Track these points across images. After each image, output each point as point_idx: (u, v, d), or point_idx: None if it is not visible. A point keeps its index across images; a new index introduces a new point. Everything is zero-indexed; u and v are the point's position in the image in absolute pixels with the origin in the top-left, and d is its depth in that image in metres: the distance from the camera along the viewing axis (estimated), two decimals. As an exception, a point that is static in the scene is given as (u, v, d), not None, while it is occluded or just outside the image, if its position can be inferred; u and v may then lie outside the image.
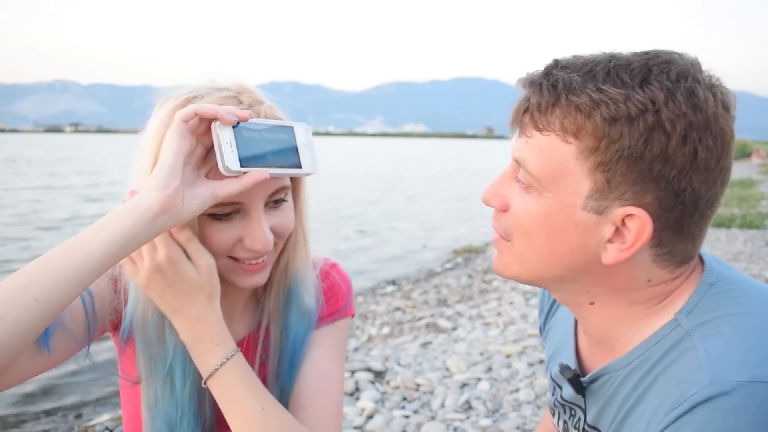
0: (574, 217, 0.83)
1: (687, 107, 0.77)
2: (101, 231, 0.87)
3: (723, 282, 0.86)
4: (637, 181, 0.79)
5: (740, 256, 7.14)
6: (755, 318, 0.80)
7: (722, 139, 0.79)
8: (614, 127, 0.77)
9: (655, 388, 0.83)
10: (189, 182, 0.93)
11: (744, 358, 0.75)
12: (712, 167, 0.79)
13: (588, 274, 0.86)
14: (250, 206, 1.01)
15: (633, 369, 0.86)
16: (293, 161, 1.01)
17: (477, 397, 3.50)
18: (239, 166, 0.94)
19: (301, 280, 1.17)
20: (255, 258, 1.05)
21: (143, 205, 0.88)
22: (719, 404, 0.72)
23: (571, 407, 1.00)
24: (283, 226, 1.06)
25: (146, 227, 0.88)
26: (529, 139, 0.84)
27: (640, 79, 0.78)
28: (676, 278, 0.87)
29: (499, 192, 0.91)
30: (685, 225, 0.82)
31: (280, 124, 1.02)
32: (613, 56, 0.82)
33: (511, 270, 0.92)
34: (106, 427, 3.65)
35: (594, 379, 0.93)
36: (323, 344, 1.21)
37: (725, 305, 0.83)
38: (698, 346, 0.79)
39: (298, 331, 1.17)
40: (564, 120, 0.80)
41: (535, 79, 0.84)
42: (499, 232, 0.92)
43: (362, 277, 8.22)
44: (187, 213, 0.92)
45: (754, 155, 41.22)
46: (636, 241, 0.80)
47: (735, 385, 0.72)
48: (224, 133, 0.94)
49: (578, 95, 0.79)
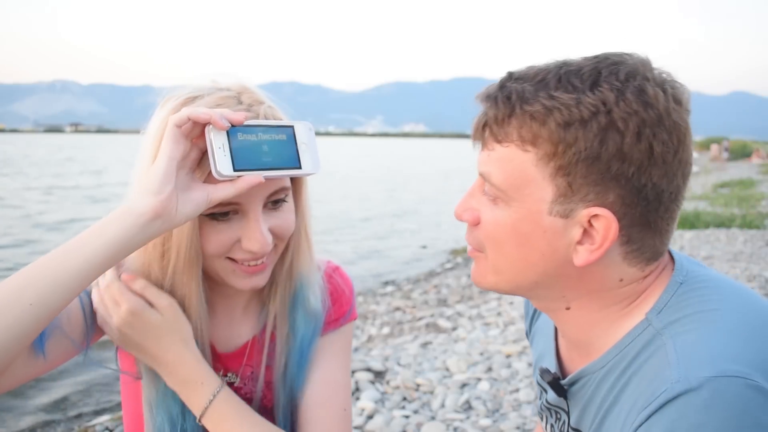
0: (542, 223, 0.84)
1: (638, 105, 0.79)
2: (96, 236, 0.88)
3: (692, 280, 0.88)
4: (598, 182, 0.80)
5: (740, 256, 7.14)
6: (724, 314, 0.82)
7: (677, 132, 0.81)
8: (569, 131, 0.79)
9: (629, 388, 0.84)
10: (183, 186, 0.93)
11: (712, 353, 0.76)
12: (670, 161, 0.81)
13: (562, 278, 0.88)
14: (248, 207, 1.00)
15: (609, 370, 0.88)
16: (292, 161, 1.01)
17: (477, 397, 3.50)
18: (232, 171, 0.94)
19: (307, 282, 1.16)
20: (254, 259, 1.04)
21: (137, 210, 0.89)
22: (689, 400, 0.73)
23: (556, 410, 1.01)
24: (282, 227, 1.06)
25: (140, 232, 0.89)
26: (491, 152, 0.87)
27: (590, 82, 0.80)
28: (647, 276, 0.88)
29: (470, 206, 0.92)
30: (652, 220, 0.83)
31: (279, 123, 1.01)
32: (564, 63, 0.84)
33: (488, 280, 0.93)
34: (106, 427, 3.66)
35: (573, 382, 0.95)
36: (329, 352, 1.21)
37: (694, 303, 0.84)
38: (668, 344, 0.80)
39: (305, 333, 1.17)
40: (520, 130, 0.83)
41: (491, 93, 0.87)
42: (473, 245, 0.94)
43: (362, 277, 8.22)
44: (181, 217, 0.92)
45: (754, 155, 41.21)
46: (604, 241, 0.82)
47: (704, 380, 0.73)
48: (217, 138, 0.93)
49: (531, 104, 0.82)
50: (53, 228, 11.74)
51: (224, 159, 0.93)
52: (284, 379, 1.17)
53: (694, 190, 17.44)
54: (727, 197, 14.42)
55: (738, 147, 45.64)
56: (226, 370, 1.18)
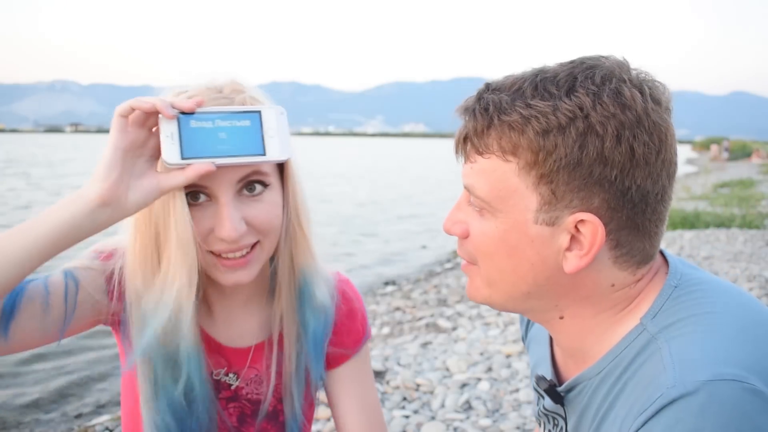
0: (528, 232, 0.84)
1: (615, 107, 0.78)
2: (46, 219, 0.90)
3: (687, 283, 0.87)
4: (581, 187, 0.80)
5: (740, 256, 7.14)
6: (719, 317, 0.81)
7: (657, 132, 0.80)
8: (547, 138, 0.79)
9: (624, 393, 0.83)
10: (139, 174, 0.94)
11: (708, 357, 0.75)
12: (653, 161, 0.80)
13: (553, 286, 0.87)
14: (216, 192, 0.99)
15: (604, 376, 0.87)
16: (255, 148, 0.97)
17: (477, 397, 3.50)
18: (180, 159, 0.93)
19: (310, 277, 1.15)
20: (230, 251, 1.02)
21: (83, 197, 0.91)
22: (685, 405, 0.72)
23: (554, 416, 1.01)
24: (260, 218, 1.03)
25: (88, 217, 0.91)
26: (473, 165, 0.87)
27: (566, 88, 0.80)
28: (639, 281, 0.88)
29: (458, 219, 0.92)
30: (639, 222, 0.83)
31: (242, 109, 0.98)
32: (540, 71, 0.84)
33: (481, 293, 0.93)
34: (106, 427, 3.65)
35: (569, 389, 0.95)
36: (360, 375, 1.24)
37: (689, 306, 0.83)
38: (663, 348, 0.80)
39: (316, 328, 1.16)
40: (500, 140, 0.82)
41: (469, 106, 0.87)
42: (465, 259, 0.94)
43: (362, 277, 8.22)
44: (131, 205, 0.93)
45: (754, 155, 41.21)
46: (592, 246, 0.81)
47: (699, 384, 0.72)
48: (166, 126, 0.94)
49: (509, 114, 0.81)
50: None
51: (172, 147, 0.93)
52: (298, 378, 1.17)
53: (694, 190, 17.43)
54: (727, 197, 14.42)
55: (738, 147, 45.64)
56: (229, 366, 1.17)
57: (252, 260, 1.05)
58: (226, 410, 1.18)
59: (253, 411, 1.19)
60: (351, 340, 1.23)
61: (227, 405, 1.18)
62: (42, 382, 4.47)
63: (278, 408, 1.20)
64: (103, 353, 4.93)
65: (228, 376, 1.17)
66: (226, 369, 1.17)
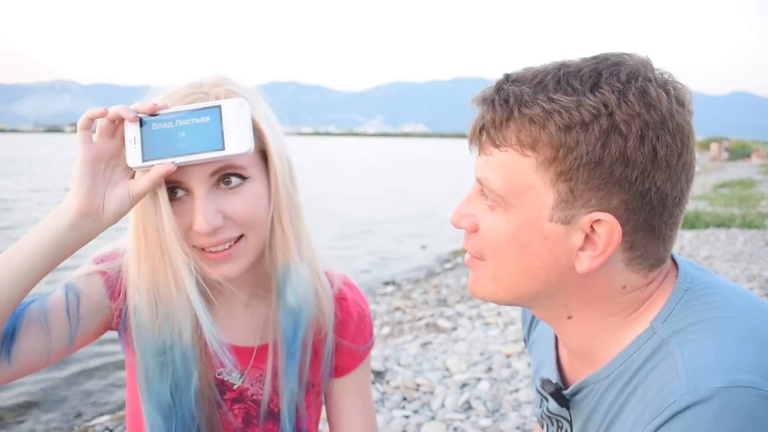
0: (543, 230, 0.82)
1: (640, 107, 0.76)
2: (32, 238, 0.92)
3: (697, 287, 0.85)
4: (601, 187, 0.78)
5: (740, 256, 7.13)
6: (731, 322, 0.79)
7: (680, 134, 0.79)
8: (569, 134, 0.77)
9: (634, 397, 0.82)
10: (114, 183, 0.97)
11: (721, 363, 0.74)
12: (674, 164, 0.78)
13: (563, 286, 0.85)
14: (191, 186, 1.00)
15: (613, 380, 0.86)
16: (214, 144, 0.96)
17: (477, 397, 3.50)
18: (141, 161, 0.96)
19: (286, 275, 1.11)
20: (211, 245, 1.02)
21: (63, 210, 0.93)
22: (698, 412, 0.71)
23: (558, 419, 0.99)
24: (238, 211, 1.02)
25: (70, 230, 0.92)
26: (489, 157, 0.84)
27: (591, 84, 0.78)
28: (650, 283, 0.86)
29: (467, 213, 0.90)
30: (656, 225, 0.81)
31: (201, 106, 0.98)
32: (563, 64, 0.82)
33: (486, 290, 0.90)
34: (106, 427, 3.65)
35: (576, 392, 0.93)
36: (362, 383, 1.26)
37: (700, 310, 0.82)
38: (675, 353, 0.78)
39: (287, 329, 1.14)
40: (519, 134, 0.80)
41: (488, 96, 0.84)
42: (472, 253, 0.91)
43: (362, 277, 8.22)
44: (108, 215, 0.95)
45: (754, 155, 41.19)
46: (607, 247, 0.80)
47: (713, 391, 0.71)
48: (129, 131, 0.97)
49: (530, 107, 0.79)
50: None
51: (134, 151, 0.96)
52: (286, 380, 1.16)
53: (694, 190, 17.39)
54: (727, 197, 14.41)
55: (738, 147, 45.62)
56: (236, 361, 1.17)
57: (235, 254, 1.04)
58: (231, 411, 1.17)
59: (259, 412, 1.19)
60: (358, 354, 1.25)
61: (232, 406, 1.18)
62: (42, 381, 4.47)
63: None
64: (103, 353, 4.93)
65: (231, 375, 1.17)
66: (228, 369, 1.16)
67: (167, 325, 1.05)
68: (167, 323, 1.05)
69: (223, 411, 1.17)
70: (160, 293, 1.04)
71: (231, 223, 1.02)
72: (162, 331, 1.06)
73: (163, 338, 1.06)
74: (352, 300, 1.25)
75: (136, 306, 1.06)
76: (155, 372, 1.07)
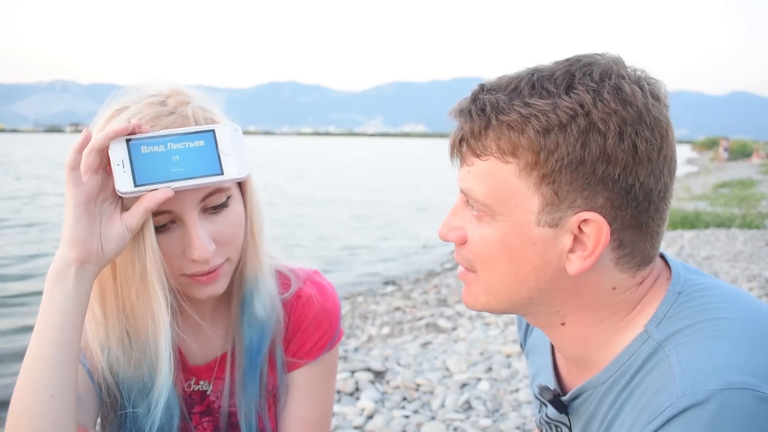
0: (531, 235, 0.82)
1: (616, 104, 0.77)
2: (48, 308, 0.89)
3: (691, 289, 0.85)
4: (585, 186, 0.78)
5: (740, 256, 7.13)
6: (726, 323, 0.79)
7: (658, 128, 0.79)
8: (548, 137, 0.77)
9: (631, 401, 0.82)
10: (107, 220, 0.92)
11: (718, 365, 0.74)
12: (655, 158, 0.79)
13: (555, 291, 0.85)
14: (182, 214, 0.96)
15: (611, 385, 0.86)
16: (212, 168, 0.94)
17: (477, 397, 3.50)
18: (133, 186, 0.90)
19: (254, 287, 1.10)
20: (203, 274, 1.00)
21: (64, 264, 0.89)
22: (695, 415, 0.70)
23: (557, 425, 0.99)
24: (226, 235, 1.00)
25: (79, 280, 0.90)
26: (471, 168, 0.84)
27: (565, 86, 0.79)
28: (640, 284, 0.86)
29: (454, 225, 0.89)
30: (643, 221, 0.81)
31: (194, 130, 0.95)
32: (536, 70, 0.82)
33: (480, 301, 0.90)
34: (106, 427, 3.65)
35: (574, 398, 0.93)
36: (305, 386, 1.18)
37: (695, 313, 0.82)
38: (671, 356, 0.78)
39: (252, 340, 1.12)
40: (499, 141, 0.80)
41: (464, 107, 0.84)
42: (463, 265, 0.91)
43: (362, 277, 8.22)
44: (109, 255, 0.92)
45: (754, 155, 41.21)
46: (596, 246, 0.80)
47: (710, 393, 0.71)
48: (116, 155, 0.90)
49: (507, 114, 0.79)
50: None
51: (124, 176, 0.90)
52: (244, 389, 1.13)
53: (694, 190, 17.42)
54: (727, 197, 14.41)
55: (738, 147, 45.63)
56: (198, 379, 1.15)
57: (222, 273, 1.03)
58: (200, 425, 1.16)
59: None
60: (306, 350, 1.18)
61: (201, 419, 1.16)
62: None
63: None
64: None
65: (200, 384, 1.15)
66: (194, 380, 1.15)
67: (144, 361, 1.02)
68: (144, 359, 1.01)
69: (191, 426, 1.15)
70: (132, 331, 1.00)
71: (219, 245, 1.00)
72: (139, 366, 1.02)
73: (141, 373, 1.03)
74: (310, 299, 1.19)
75: (104, 346, 1.03)
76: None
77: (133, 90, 1.01)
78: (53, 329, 0.89)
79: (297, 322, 1.17)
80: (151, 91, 1.01)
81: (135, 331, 1.00)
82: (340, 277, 8.00)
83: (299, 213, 14.45)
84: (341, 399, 3.50)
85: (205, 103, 1.02)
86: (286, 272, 1.20)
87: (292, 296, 1.18)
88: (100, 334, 1.03)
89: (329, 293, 1.21)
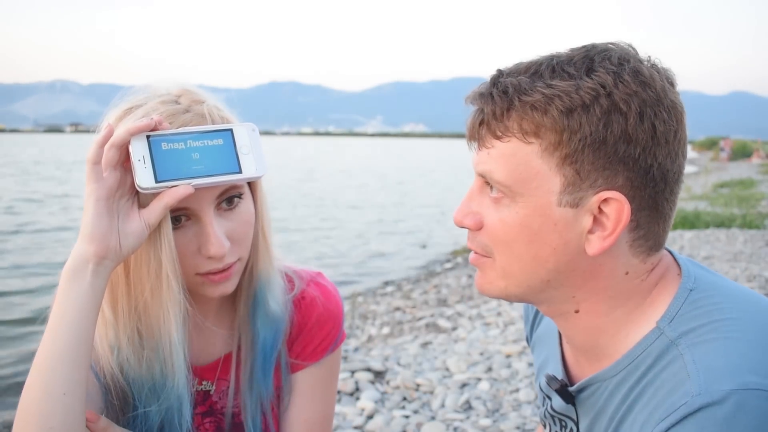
0: (552, 215, 0.82)
1: (636, 85, 0.79)
2: (64, 304, 0.89)
3: (703, 287, 0.86)
4: (606, 166, 0.79)
5: (740, 256, 7.14)
6: (741, 323, 0.79)
7: (674, 111, 0.81)
8: (572, 117, 0.78)
9: (644, 398, 0.82)
10: (124, 216, 0.92)
11: (733, 365, 0.74)
12: (671, 140, 0.81)
13: (572, 274, 0.85)
14: (198, 211, 0.97)
15: (622, 379, 0.86)
16: (231, 166, 0.96)
17: (477, 397, 3.50)
18: (154, 182, 0.90)
19: (266, 284, 1.11)
20: (218, 271, 1.00)
21: (82, 260, 0.89)
22: (710, 414, 0.71)
23: (562, 418, 0.99)
24: (238, 231, 1.01)
25: (95, 276, 0.89)
26: (491, 150, 0.84)
27: (585, 68, 0.80)
28: (650, 272, 0.87)
29: (470, 210, 0.89)
30: (659, 202, 0.83)
31: (213, 128, 0.97)
32: (554, 55, 0.84)
33: (496, 286, 0.90)
34: (106, 427, 3.65)
35: (582, 389, 0.93)
36: (308, 387, 1.17)
37: (708, 312, 0.82)
38: (685, 355, 0.78)
39: (266, 337, 1.12)
40: (522, 121, 0.81)
41: (484, 91, 0.85)
42: (477, 251, 0.91)
43: (362, 277, 8.22)
44: (126, 251, 0.91)
45: (754, 155, 41.23)
46: (616, 225, 0.81)
47: (725, 393, 0.71)
48: (136, 151, 0.90)
49: (530, 94, 0.80)
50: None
51: (144, 171, 0.90)
52: (251, 388, 1.13)
53: (694, 190, 17.42)
54: (727, 197, 14.42)
55: (738, 147, 45.65)
56: (201, 379, 1.15)
57: (234, 272, 1.03)
58: (202, 426, 1.16)
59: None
60: (309, 352, 1.17)
61: (203, 420, 1.16)
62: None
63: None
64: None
65: (203, 384, 1.15)
66: (198, 380, 1.15)
67: (156, 360, 1.01)
68: (156, 357, 1.01)
69: (193, 426, 1.14)
70: (145, 329, 1.00)
71: (232, 244, 1.01)
72: (151, 365, 1.02)
73: (152, 372, 1.02)
74: (314, 300, 1.19)
75: (114, 346, 1.03)
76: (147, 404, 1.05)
77: (140, 90, 1.02)
78: (68, 325, 0.88)
79: (300, 324, 1.17)
80: (160, 90, 1.01)
81: (148, 330, 0.99)
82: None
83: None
84: (341, 399, 3.50)
85: (218, 102, 1.03)
86: (289, 273, 1.20)
87: (295, 297, 1.18)
88: (109, 334, 1.02)
89: (332, 295, 1.21)
